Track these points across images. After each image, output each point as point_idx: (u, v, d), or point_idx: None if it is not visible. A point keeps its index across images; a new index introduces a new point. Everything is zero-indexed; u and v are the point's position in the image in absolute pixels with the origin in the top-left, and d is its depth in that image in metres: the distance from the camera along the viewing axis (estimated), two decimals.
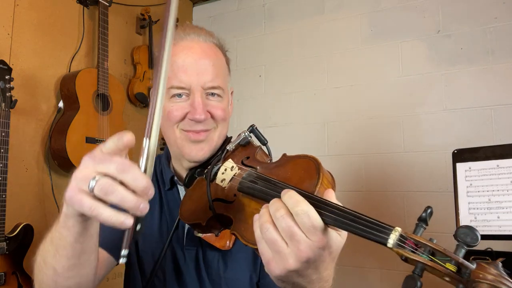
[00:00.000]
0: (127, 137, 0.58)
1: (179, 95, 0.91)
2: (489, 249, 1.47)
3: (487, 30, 2.32)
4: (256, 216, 0.63)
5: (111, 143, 0.59)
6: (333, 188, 0.67)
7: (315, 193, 0.62)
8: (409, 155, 2.44)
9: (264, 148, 0.90)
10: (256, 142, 0.92)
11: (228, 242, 0.88)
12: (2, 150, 1.67)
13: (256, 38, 3.05)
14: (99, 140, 2.14)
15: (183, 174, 1.00)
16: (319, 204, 0.59)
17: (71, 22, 2.28)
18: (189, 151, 0.93)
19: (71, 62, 2.25)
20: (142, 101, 2.64)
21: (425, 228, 0.55)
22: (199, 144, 0.92)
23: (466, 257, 0.52)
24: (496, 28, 2.29)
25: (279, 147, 0.94)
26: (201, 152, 0.92)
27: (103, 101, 2.22)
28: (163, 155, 1.09)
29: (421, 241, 0.52)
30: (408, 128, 2.46)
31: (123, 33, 2.66)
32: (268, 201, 0.66)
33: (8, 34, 1.94)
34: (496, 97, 2.25)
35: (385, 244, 0.53)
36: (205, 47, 0.93)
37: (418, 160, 2.41)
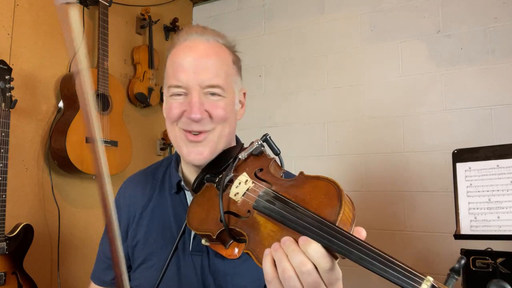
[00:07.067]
0: None
1: (178, 94, 0.90)
2: (489, 249, 1.47)
3: (487, 30, 2.31)
4: (267, 251, 0.63)
5: None
6: (354, 216, 0.65)
7: (336, 223, 0.61)
8: (409, 155, 2.44)
9: (276, 159, 0.88)
10: (269, 151, 0.89)
11: (236, 250, 0.85)
12: (2, 150, 1.67)
13: (256, 38, 3.05)
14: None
15: (192, 178, 0.97)
16: (347, 240, 0.58)
17: None
18: (187, 154, 0.91)
19: (71, 62, 2.25)
20: (142, 101, 2.64)
21: (456, 279, 0.54)
22: (197, 147, 0.90)
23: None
24: (496, 28, 2.29)
25: (279, 147, 0.92)
26: (200, 156, 0.90)
27: (103, 101, 2.21)
28: (174, 156, 1.07)
29: None
30: (408, 128, 2.46)
31: (123, 33, 2.66)
32: (286, 225, 0.64)
33: (8, 34, 1.94)
34: (496, 97, 2.25)
35: None
36: (206, 46, 0.92)
37: (418, 160, 2.41)
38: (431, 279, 0.52)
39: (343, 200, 0.63)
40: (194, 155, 0.90)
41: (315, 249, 0.59)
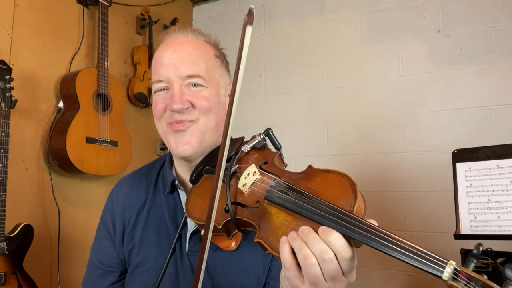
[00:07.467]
0: None
1: (161, 89, 0.91)
2: (489, 249, 1.47)
3: (487, 30, 2.32)
4: (283, 239, 0.63)
5: None
6: (366, 208, 0.66)
7: (353, 213, 0.62)
8: (409, 155, 2.44)
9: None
10: (270, 146, 0.89)
11: (233, 243, 0.84)
12: (2, 150, 1.67)
13: (256, 38, 3.05)
14: (99, 140, 2.14)
15: (185, 177, 0.97)
16: (367, 228, 0.59)
17: (71, 22, 2.28)
18: (175, 145, 0.90)
19: (71, 62, 2.25)
20: (142, 101, 2.64)
21: (476, 264, 0.56)
22: (183, 136, 0.89)
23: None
24: (496, 28, 2.29)
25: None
26: (188, 145, 0.89)
27: (103, 101, 2.22)
28: (167, 156, 1.06)
29: (473, 275, 0.53)
30: (408, 128, 2.46)
31: (123, 33, 2.66)
32: (302, 215, 0.65)
33: (8, 34, 1.94)
34: (496, 97, 2.25)
35: (439, 277, 0.54)
36: (184, 41, 0.93)
37: (418, 160, 2.41)
38: (453, 263, 0.54)
39: (358, 192, 0.65)
40: (182, 145, 0.89)
41: (336, 238, 0.60)
